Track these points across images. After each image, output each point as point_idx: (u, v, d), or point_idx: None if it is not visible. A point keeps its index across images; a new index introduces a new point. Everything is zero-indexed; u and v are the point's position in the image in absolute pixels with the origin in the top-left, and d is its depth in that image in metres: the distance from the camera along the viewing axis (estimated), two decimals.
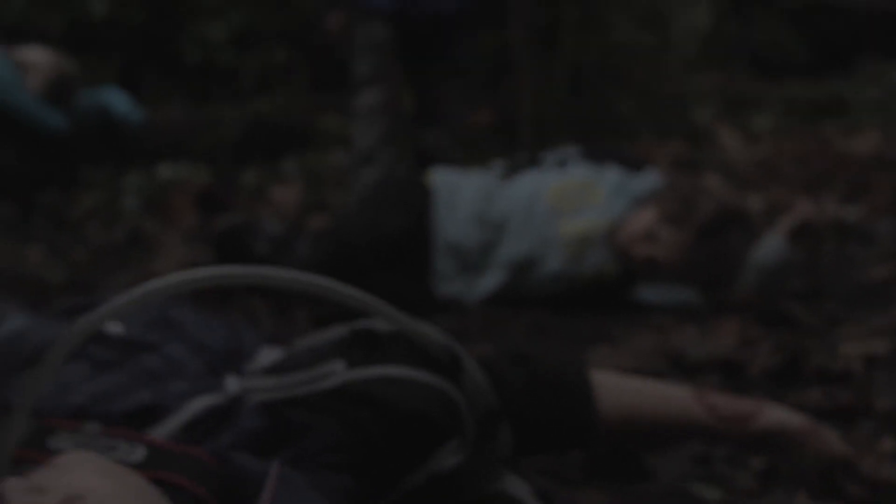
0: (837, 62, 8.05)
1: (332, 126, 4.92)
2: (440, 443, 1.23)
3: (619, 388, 1.42)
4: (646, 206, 2.62)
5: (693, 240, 2.55)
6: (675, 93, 5.89)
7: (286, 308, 2.42)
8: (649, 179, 2.70)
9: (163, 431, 1.22)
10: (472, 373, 1.23)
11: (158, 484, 1.04)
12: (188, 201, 3.95)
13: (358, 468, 1.20)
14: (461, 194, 2.66)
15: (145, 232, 3.72)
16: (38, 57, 4.25)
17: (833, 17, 8.55)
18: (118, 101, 4.46)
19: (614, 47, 4.78)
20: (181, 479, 1.06)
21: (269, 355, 1.40)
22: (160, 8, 5.27)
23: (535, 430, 1.36)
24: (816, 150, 5.37)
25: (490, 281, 2.61)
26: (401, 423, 1.23)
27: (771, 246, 2.60)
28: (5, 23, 4.74)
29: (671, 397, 1.44)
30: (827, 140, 5.75)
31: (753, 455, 1.51)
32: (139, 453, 1.11)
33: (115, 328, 1.37)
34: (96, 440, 1.15)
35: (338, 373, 1.25)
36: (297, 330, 2.18)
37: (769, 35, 8.52)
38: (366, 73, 3.34)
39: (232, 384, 1.28)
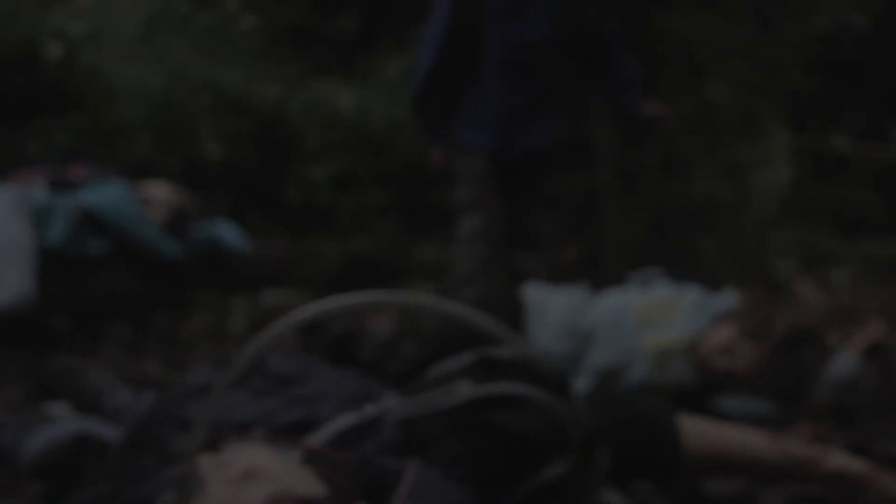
0: None
1: (424, 260, 5.20)
2: (548, 460, 1.43)
3: (702, 429, 1.62)
4: (725, 322, 2.81)
5: (769, 355, 2.73)
6: (755, 244, 6.08)
7: None
8: (728, 299, 2.90)
9: (315, 441, 1.45)
10: (575, 394, 1.45)
11: None
12: None
13: (477, 478, 1.40)
14: (552, 308, 2.89)
15: None
16: (159, 192, 4.59)
17: None
18: (228, 232, 4.78)
19: (695, 195, 5.02)
20: (330, 473, 1.29)
21: (394, 395, 1.62)
22: (267, 152, 5.69)
23: (628, 460, 1.55)
24: (893, 300, 5.48)
25: (577, 387, 2.80)
26: (514, 444, 1.44)
27: (843, 362, 2.76)
28: (132, 162, 5.17)
29: (749, 440, 1.62)
30: None
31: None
32: (296, 454, 1.34)
33: (271, 365, 1.62)
34: (262, 444, 1.38)
35: (465, 389, 1.48)
36: None
37: (849, 194, 8.66)
38: (466, 200, 3.62)
39: (371, 407, 1.51)
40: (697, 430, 1.62)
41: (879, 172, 8.60)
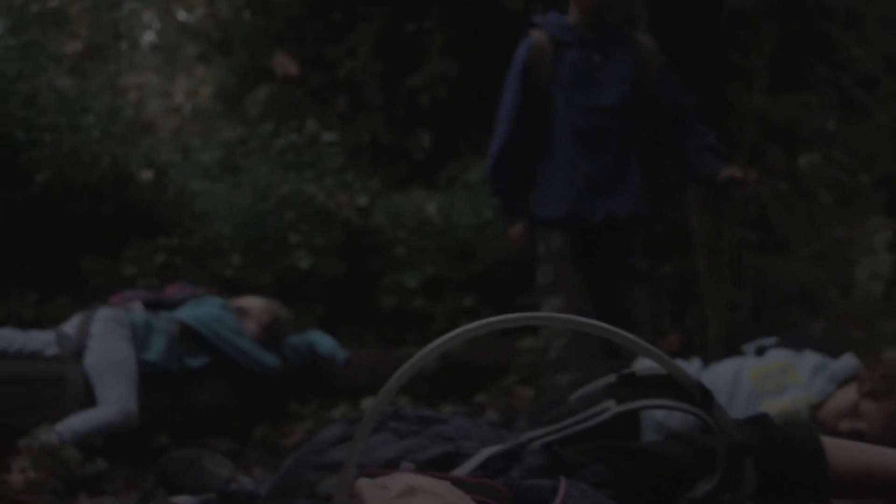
0: None
1: (520, 360, 5.12)
2: (695, 481, 1.36)
3: (846, 447, 1.53)
4: (847, 385, 2.71)
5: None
6: (860, 331, 5.89)
7: None
8: (848, 362, 2.80)
9: (462, 471, 1.39)
10: (721, 409, 1.37)
11: None
12: None
13: (624, 501, 1.33)
14: None
15: None
16: (254, 303, 4.64)
17: None
18: (323, 342, 4.79)
19: (794, 277, 4.90)
20: (481, 498, 1.23)
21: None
22: (357, 261, 5.72)
23: (772, 481, 1.46)
24: None
25: None
26: (660, 469, 1.37)
27: None
28: (224, 278, 5.22)
29: (893, 456, 1.52)
30: None
31: None
32: (446, 483, 1.28)
33: (408, 410, 1.59)
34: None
35: (610, 409, 1.41)
36: None
37: None
38: (546, 281, 3.54)
39: (514, 438, 1.45)
40: (842, 451, 1.53)
41: None
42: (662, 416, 2.75)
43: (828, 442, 1.56)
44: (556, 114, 3.52)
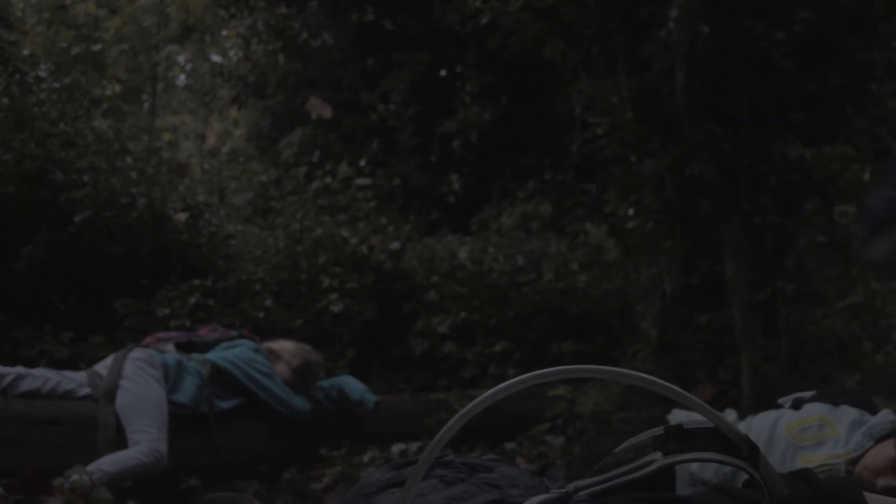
0: None
1: (550, 412, 5.09)
2: None
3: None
4: (884, 440, 2.66)
5: None
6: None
7: None
8: (885, 418, 2.75)
9: None
10: (768, 463, 1.36)
11: None
12: None
13: None
14: None
15: None
16: (285, 347, 4.64)
17: None
18: (353, 386, 4.77)
19: (829, 330, 4.85)
20: None
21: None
22: (389, 305, 5.73)
23: None
24: None
25: None
26: None
27: None
28: (256, 320, 5.24)
29: None
30: None
31: None
32: None
33: (454, 457, 1.59)
34: None
35: (656, 461, 1.40)
36: None
37: None
38: None
39: (558, 487, 1.44)
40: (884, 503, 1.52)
41: None
42: (696, 469, 2.71)
43: (870, 498, 1.55)
44: None
